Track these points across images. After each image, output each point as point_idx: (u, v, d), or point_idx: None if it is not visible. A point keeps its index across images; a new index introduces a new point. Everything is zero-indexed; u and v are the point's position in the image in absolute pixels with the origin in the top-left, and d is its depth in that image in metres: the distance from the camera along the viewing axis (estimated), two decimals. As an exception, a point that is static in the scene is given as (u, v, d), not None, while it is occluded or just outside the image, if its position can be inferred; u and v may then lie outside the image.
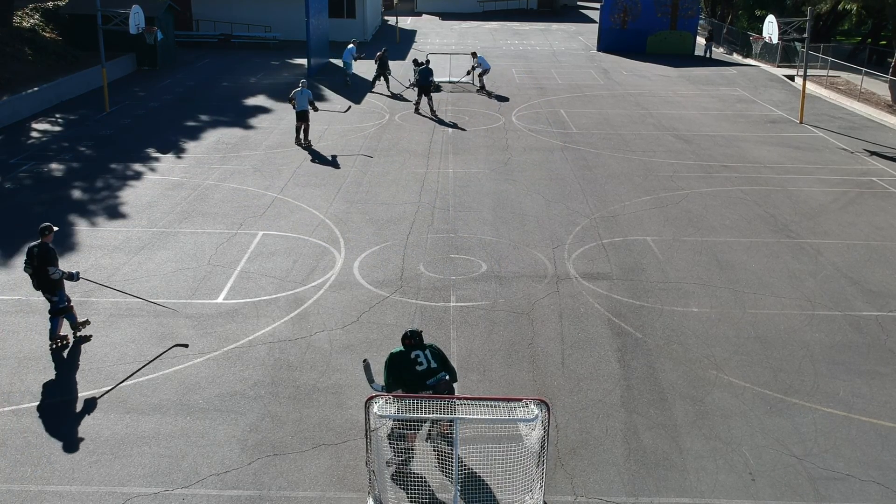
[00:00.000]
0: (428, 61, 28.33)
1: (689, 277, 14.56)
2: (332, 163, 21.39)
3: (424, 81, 27.15)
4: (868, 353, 12.07)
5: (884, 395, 10.93)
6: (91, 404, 10.32)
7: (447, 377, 9.12)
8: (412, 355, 9.08)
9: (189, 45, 42.32)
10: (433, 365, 9.08)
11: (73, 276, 11.70)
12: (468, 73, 33.38)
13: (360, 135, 24.63)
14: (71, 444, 9.52)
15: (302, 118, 23.04)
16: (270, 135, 24.45)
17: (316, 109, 23.47)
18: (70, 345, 11.89)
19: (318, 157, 22.03)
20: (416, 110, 27.81)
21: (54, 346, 11.78)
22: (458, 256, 15.29)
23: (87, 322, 12.29)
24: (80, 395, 10.54)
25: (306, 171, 20.59)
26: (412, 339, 9.22)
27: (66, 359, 11.40)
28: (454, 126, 26.02)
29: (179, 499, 8.65)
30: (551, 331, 12.49)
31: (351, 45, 29.66)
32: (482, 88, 32.08)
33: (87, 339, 12.01)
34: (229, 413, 10.20)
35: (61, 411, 10.17)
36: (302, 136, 23.32)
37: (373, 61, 32.76)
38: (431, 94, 27.61)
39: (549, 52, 45.07)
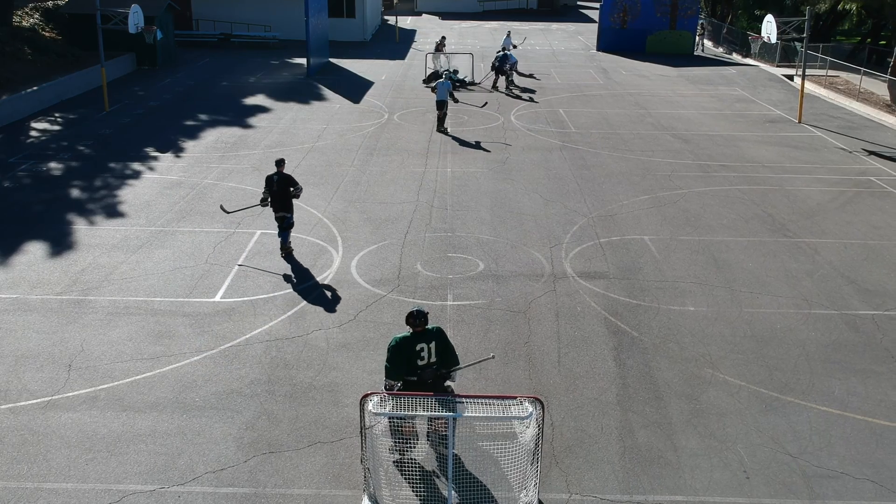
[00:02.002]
0: (507, 48, 33.65)
1: (685, 276, 14.59)
2: (472, 147, 21.45)
3: (502, 66, 32.12)
4: (864, 351, 12.09)
5: (879, 394, 10.95)
6: (88, 402, 10.35)
7: (435, 367, 9.06)
8: (417, 347, 8.95)
9: (189, 44, 42.36)
10: (433, 359, 9.03)
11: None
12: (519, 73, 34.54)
13: (358, 134, 24.66)
14: (67, 441, 9.55)
15: (440, 107, 24.93)
16: (269, 134, 24.48)
17: (456, 101, 25.73)
18: (289, 254, 15.07)
19: (460, 142, 23.99)
20: (494, 88, 32.25)
21: (284, 254, 15.00)
22: (455, 255, 15.31)
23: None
24: (77, 392, 10.57)
25: (305, 171, 20.62)
26: (416, 321, 9.00)
27: (62, 357, 11.43)
28: (531, 100, 30.20)
29: (175, 496, 8.68)
30: (548, 329, 12.52)
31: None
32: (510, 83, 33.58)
33: (291, 252, 15.15)
34: (226, 411, 10.22)
35: (58, 409, 10.19)
36: (438, 123, 25.25)
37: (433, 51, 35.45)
38: (508, 76, 32.56)
39: (548, 51, 45.10)
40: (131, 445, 9.50)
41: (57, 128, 24.75)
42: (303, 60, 36.83)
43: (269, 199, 14.87)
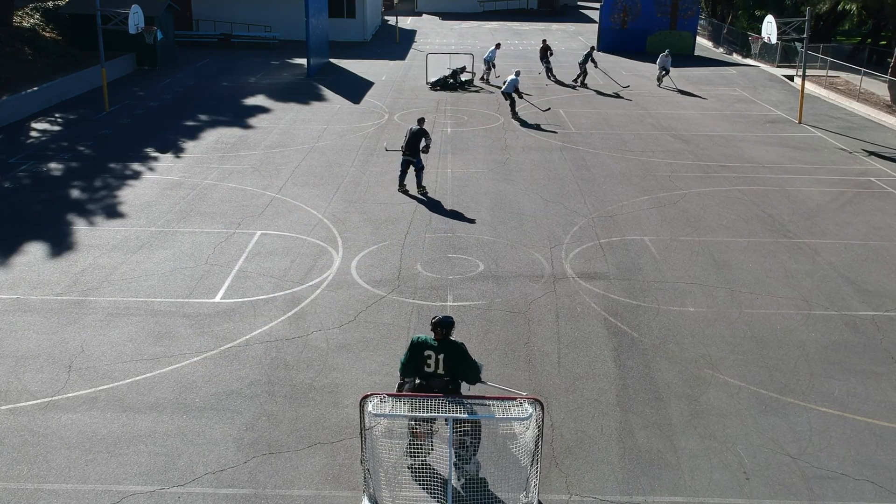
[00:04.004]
0: (592, 47, 36.03)
1: (685, 277, 14.59)
2: (522, 136, 21.46)
3: (585, 62, 34.19)
4: (864, 352, 12.09)
5: (879, 395, 10.95)
6: (88, 403, 10.35)
7: (446, 379, 8.87)
8: (425, 353, 8.81)
9: (189, 44, 42.38)
10: (440, 371, 8.84)
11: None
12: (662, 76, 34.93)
13: (358, 134, 24.66)
14: (67, 442, 9.55)
15: (505, 97, 27.04)
16: (269, 134, 24.49)
17: (521, 96, 27.23)
18: (425, 194, 18.78)
19: (527, 126, 26.18)
20: (582, 84, 34.42)
21: (420, 192, 18.87)
22: (455, 256, 15.32)
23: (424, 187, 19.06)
24: (77, 393, 10.57)
25: (305, 171, 20.63)
26: (435, 329, 8.81)
27: (62, 358, 11.43)
28: (616, 95, 32.06)
29: (175, 497, 8.68)
30: (548, 330, 12.52)
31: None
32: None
33: (426, 194, 18.83)
34: (225, 412, 10.23)
35: (58, 410, 10.20)
36: (520, 113, 27.23)
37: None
38: (585, 72, 34.59)
39: (548, 51, 45.05)
40: (131, 446, 9.50)
41: (57, 128, 24.75)
42: (303, 61, 36.84)
43: (405, 147, 18.82)
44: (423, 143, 18.79)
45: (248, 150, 22.61)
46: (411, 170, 18.95)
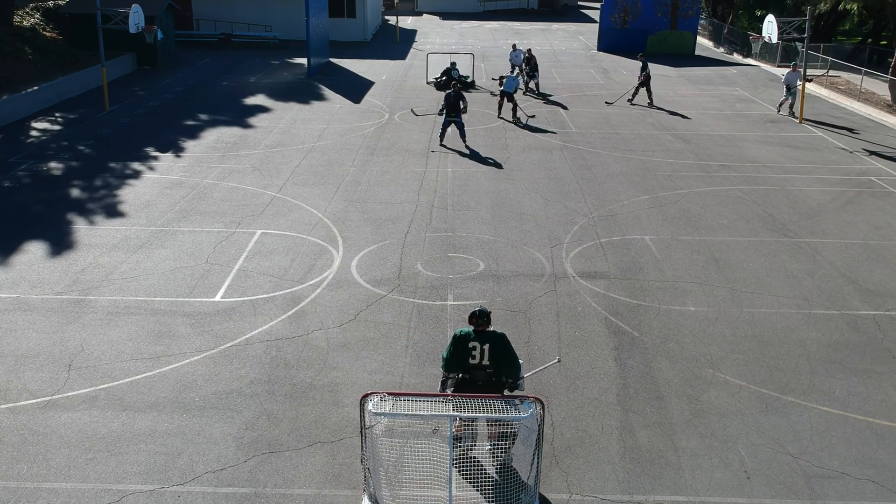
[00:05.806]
0: (643, 57, 30.64)
1: (686, 276, 14.57)
2: (530, 137, 21.42)
3: (647, 81, 29.69)
4: (865, 352, 12.07)
5: (880, 394, 10.93)
6: (88, 402, 10.33)
7: (490, 371, 8.93)
8: (470, 345, 8.88)
9: (189, 44, 42.37)
10: (485, 362, 8.91)
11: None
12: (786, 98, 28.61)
13: (358, 134, 24.65)
14: (67, 441, 9.54)
15: (502, 96, 27.06)
16: (270, 134, 24.47)
17: (520, 90, 28.10)
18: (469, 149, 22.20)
19: (528, 129, 25.94)
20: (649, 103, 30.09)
21: (466, 145, 22.65)
22: (455, 255, 15.30)
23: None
24: (77, 392, 10.55)
25: (305, 170, 20.62)
26: (478, 320, 8.95)
27: (62, 357, 11.42)
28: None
29: (175, 496, 8.66)
30: (548, 329, 12.50)
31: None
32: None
33: (469, 147, 22.46)
34: (226, 411, 10.21)
35: (58, 409, 10.18)
36: (509, 113, 27.01)
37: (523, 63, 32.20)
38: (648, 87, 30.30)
39: (549, 51, 45.08)
40: (131, 445, 9.49)
41: (57, 128, 24.74)
42: (303, 60, 36.82)
43: (445, 110, 22.65)
44: (462, 105, 22.57)
45: (248, 150, 22.60)
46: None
